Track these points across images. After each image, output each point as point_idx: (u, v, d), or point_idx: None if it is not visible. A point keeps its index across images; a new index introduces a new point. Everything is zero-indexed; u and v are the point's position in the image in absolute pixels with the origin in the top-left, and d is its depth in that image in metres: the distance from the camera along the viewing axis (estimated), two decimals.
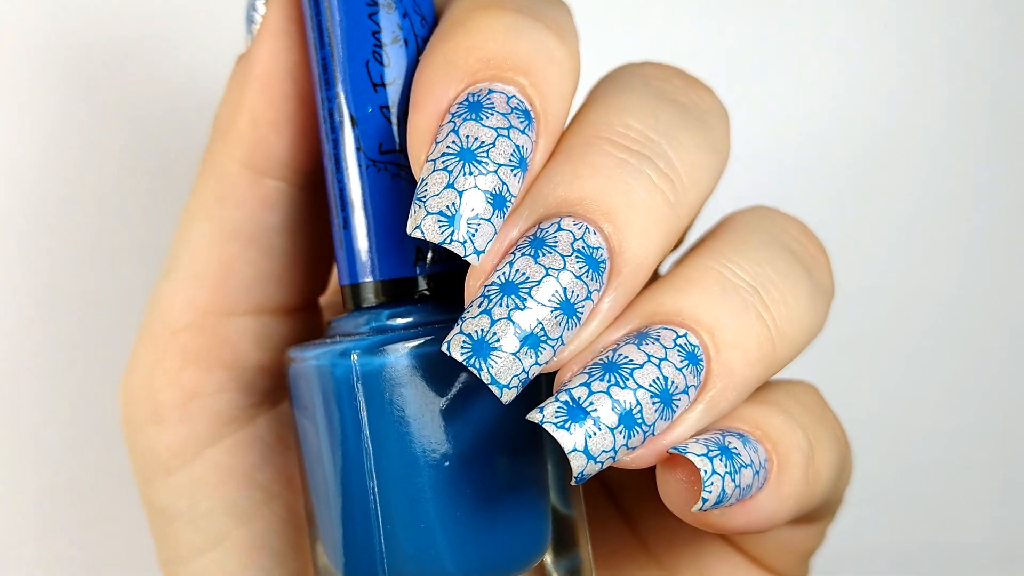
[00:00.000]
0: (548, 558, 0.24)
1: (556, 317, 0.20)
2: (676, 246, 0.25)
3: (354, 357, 0.22)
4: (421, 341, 0.22)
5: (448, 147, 0.20)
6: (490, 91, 0.21)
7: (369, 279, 0.23)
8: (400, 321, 0.23)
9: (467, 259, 0.20)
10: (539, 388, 0.22)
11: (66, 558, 0.40)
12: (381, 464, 0.22)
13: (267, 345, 0.26)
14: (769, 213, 0.25)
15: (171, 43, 0.39)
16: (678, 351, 0.21)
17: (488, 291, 0.20)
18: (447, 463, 0.22)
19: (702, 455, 0.21)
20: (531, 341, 0.20)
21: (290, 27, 0.24)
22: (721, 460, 0.21)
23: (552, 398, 0.20)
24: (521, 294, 0.20)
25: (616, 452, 0.20)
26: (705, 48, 0.46)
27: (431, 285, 0.23)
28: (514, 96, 0.21)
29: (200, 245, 0.25)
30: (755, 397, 0.23)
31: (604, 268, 0.21)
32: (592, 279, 0.21)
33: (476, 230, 0.20)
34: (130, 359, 0.26)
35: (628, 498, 0.28)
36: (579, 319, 0.21)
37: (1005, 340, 0.49)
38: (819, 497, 0.24)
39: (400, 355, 0.22)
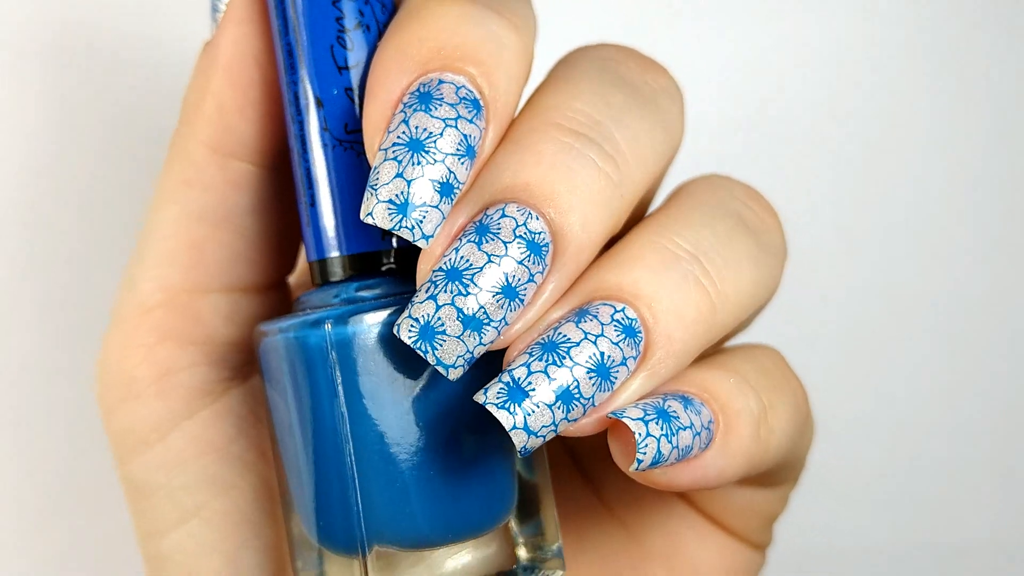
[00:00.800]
0: (513, 523, 0.26)
1: (498, 301, 0.22)
2: (635, 222, 0.27)
3: (328, 326, 0.24)
4: (390, 311, 0.24)
5: (399, 137, 0.22)
6: (440, 82, 0.23)
7: (336, 254, 0.25)
8: (369, 293, 0.25)
9: (416, 243, 0.22)
10: (498, 364, 0.24)
11: (58, 554, 0.41)
12: (356, 429, 0.24)
13: (238, 322, 0.28)
14: (717, 180, 0.27)
15: (142, 33, 0.41)
16: (614, 326, 0.23)
17: (435, 277, 0.22)
18: (419, 427, 0.24)
19: (638, 419, 0.23)
20: (474, 324, 0.22)
21: (253, 14, 0.26)
22: (657, 423, 0.23)
23: (496, 379, 0.23)
24: (464, 280, 0.22)
25: (557, 425, 0.22)
26: (706, 49, 0.48)
27: (396, 258, 0.25)
28: (463, 86, 0.23)
29: (170, 227, 0.27)
30: (709, 361, 0.25)
31: (547, 251, 0.23)
32: (534, 263, 0.23)
33: (424, 216, 0.22)
34: (105, 338, 0.28)
35: (593, 465, 0.30)
36: (522, 301, 0.23)
37: (1006, 340, 0.50)
38: (774, 456, 0.26)
39: (371, 324, 0.24)
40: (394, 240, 0.25)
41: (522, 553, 0.26)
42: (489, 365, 0.24)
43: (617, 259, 0.24)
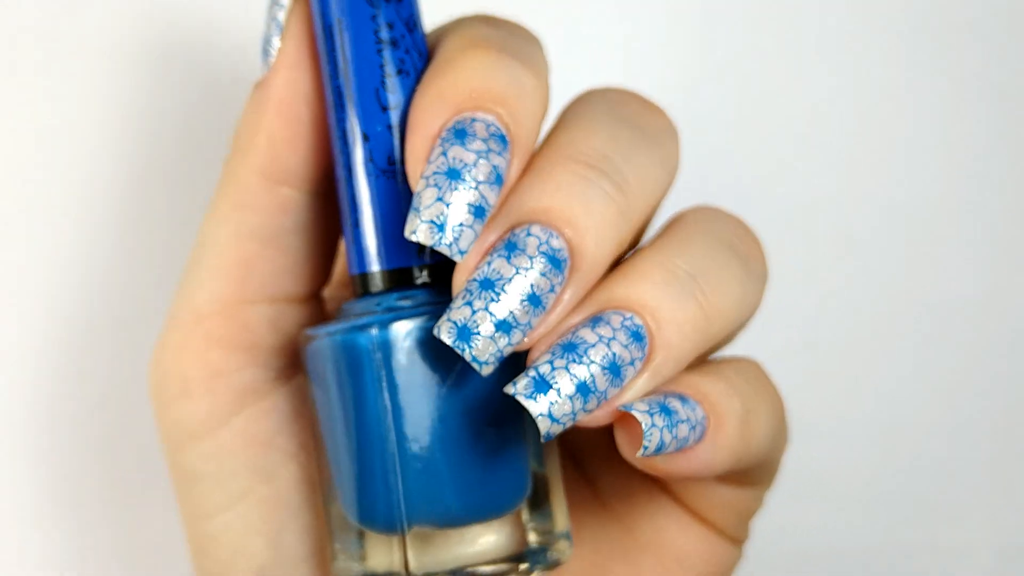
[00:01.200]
0: (525, 511, 0.31)
1: (524, 307, 0.27)
2: (637, 241, 0.32)
3: (374, 331, 0.29)
4: (427, 317, 0.29)
5: (438, 167, 0.27)
6: (473, 120, 0.28)
7: (377, 268, 0.30)
8: (407, 302, 0.29)
9: (453, 258, 0.27)
10: (520, 363, 0.29)
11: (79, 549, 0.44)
12: (398, 421, 0.29)
13: (281, 329, 0.32)
14: (711, 211, 0.32)
15: (200, 70, 0.45)
16: (624, 331, 0.28)
17: (470, 286, 0.27)
18: (452, 419, 0.29)
19: (644, 412, 0.28)
20: (504, 327, 0.27)
21: (302, 59, 0.30)
22: (660, 416, 0.28)
23: (523, 374, 0.27)
24: (496, 289, 0.27)
25: (575, 415, 0.27)
26: (705, 50, 0.51)
27: (429, 272, 0.30)
28: (492, 124, 0.28)
29: (223, 244, 0.31)
30: (701, 368, 0.30)
31: (565, 265, 0.28)
32: (554, 275, 0.27)
33: (460, 235, 0.27)
34: (159, 342, 0.33)
35: (591, 464, 0.35)
36: (544, 307, 0.28)
37: (1006, 339, 0.52)
38: (755, 453, 0.31)
39: (411, 329, 0.29)
40: (427, 256, 0.30)
41: (532, 538, 0.31)
42: (511, 365, 0.28)
43: (627, 275, 0.29)
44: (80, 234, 0.44)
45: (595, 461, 0.35)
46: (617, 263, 0.30)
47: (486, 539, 0.30)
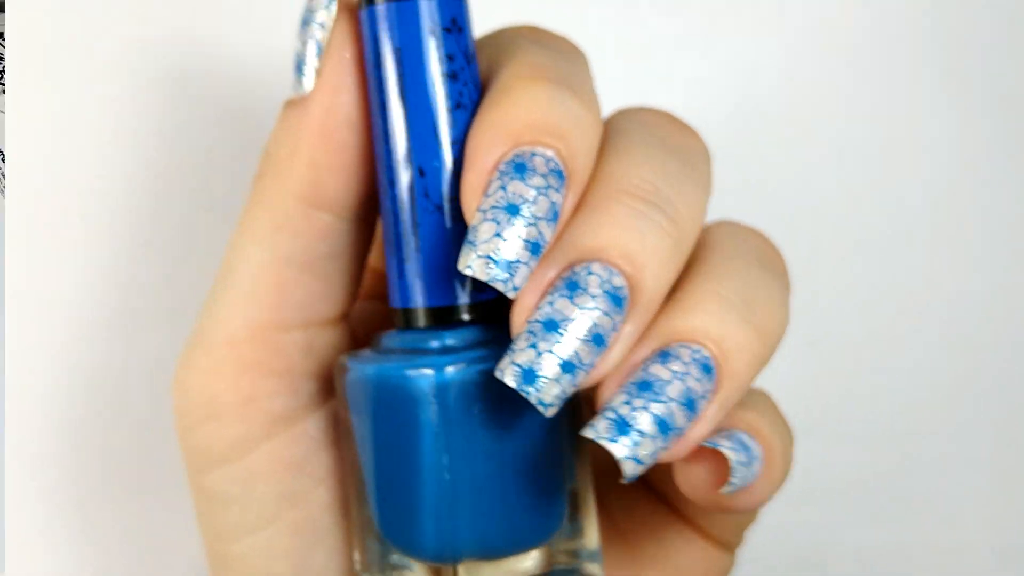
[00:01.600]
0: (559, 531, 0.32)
1: (588, 347, 0.28)
2: None
3: (429, 371, 0.29)
4: (481, 359, 0.29)
5: (496, 201, 0.28)
6: (533, 154, 0.28)
7: (422, 304, 0.30)
8: (456, 341, 0.30)
9: (507, 294, 0.28)
10: (572, 400, 0.30)
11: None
12: (452, 461, 0.29)
13: (314, 353, 0.33)
14: (735, 228, 0.33)
15: (217, 84, 0.45)
16: (696, 364, 0.29)
17: (533, 327, 0.28)
18: (503, 456, 0.30)
19: (730, 447, 0.29)
20: (569, 368, 0.28)
21: (346, 82, 0.30)
22: (741, 453, 0.29)
23: (600, 415, 0.28)
24: (560, 330, 0.28)
25: (656, 453, 0.28)
26: (705, 51, 0.52)
27: (473, 310, 0.30)
28: (552, 159, 0.28)
29: (258, 268, 0.31)
30: (743, 403, 0.31)
31: (625, 303, 0.28)
32: (616, 313, 0.28)
33: (515, 271, 0.27)
34: (184, 363, 0.33)
35: (600, 483, 0.36)
36: (606, 345, 0.28)
37: (1007, 340, 0.53)
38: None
39: (466, 371, 0.29)
40: (468, 295, 0.30)
41: (561, 557, 0.32)
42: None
43: (684, 306, 0.30)
44: (93, 242, 0.44)
45: (603, 479, 0.36)
46: None
47: (524, 561, 0.31)
